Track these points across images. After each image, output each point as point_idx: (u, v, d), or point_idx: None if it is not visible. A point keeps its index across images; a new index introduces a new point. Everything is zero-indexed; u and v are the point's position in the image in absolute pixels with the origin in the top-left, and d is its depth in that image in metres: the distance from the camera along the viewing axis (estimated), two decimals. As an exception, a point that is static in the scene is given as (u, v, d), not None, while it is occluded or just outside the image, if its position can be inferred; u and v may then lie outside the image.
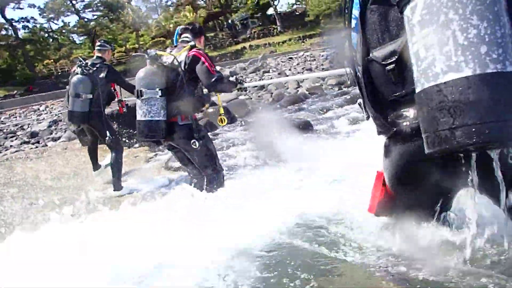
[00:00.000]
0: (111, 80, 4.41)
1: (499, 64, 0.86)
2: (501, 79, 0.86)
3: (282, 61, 22.46)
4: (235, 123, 7.97)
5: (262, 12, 51.37)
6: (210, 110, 7.16)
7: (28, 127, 13.47)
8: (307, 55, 23.98)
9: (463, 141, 0.87)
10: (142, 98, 2.95)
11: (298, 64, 19.47)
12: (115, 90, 4.64)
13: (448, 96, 0.88)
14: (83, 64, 4.26)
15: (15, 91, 30.94)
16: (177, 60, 2.94)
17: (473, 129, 0.85)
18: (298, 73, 15.04)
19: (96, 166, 5.04)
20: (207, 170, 3.16)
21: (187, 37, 3.15)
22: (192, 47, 2.99)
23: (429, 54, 0.92)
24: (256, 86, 10.87)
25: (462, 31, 0.87)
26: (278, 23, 47.62)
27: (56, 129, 11.46)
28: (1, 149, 9.90)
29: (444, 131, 0.90)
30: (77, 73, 4.25)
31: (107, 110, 5.24)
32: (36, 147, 9.48)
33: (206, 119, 7.33)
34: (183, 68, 2.92)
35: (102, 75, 4.26)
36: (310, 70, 15.98)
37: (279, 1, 49.96)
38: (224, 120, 3.34)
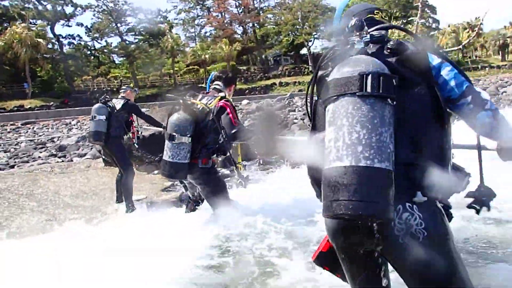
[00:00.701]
0: (127, 109, 5.09)
1: (369, 160, 1.16)
2: (368, 171, 1.16)
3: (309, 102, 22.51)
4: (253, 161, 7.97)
5: (295, 51, 52.57)
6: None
7: (58, 139, 14.03)
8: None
9: (337, 212, 1.18)
10: (173, 142, 3.19)
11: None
12: (132, 121, 5.29)
13: (333, 177, 1.20)
14: (105, 99, 5.04)
15: (52, 103, 32.38)
16: (208, 108, 3.24)
17: (343, 204, 1.16)
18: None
19: (120, 198, 5.21)
20: (220, 206, 3.42)
21: (218, 84, 3.46)
22: (222, 98, 3.28)
23: (330, 145, 1.24)
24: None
25: (349, 134, 1.20)
26: (310, 63, 48.53)
27: (83, 145, 11.89)
28: (29, 159, 10.33)
29: (328, 202, 1.21)
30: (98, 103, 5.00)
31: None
32: (62, 161, 9.85)
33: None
34: (211, 117, 3.21)
35: (119, 105, 5.02)
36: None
37: (313, 42, 50.80)
38: (241, 168, 3.57)
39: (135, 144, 5.46)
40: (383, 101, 1.21)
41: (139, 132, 5.47)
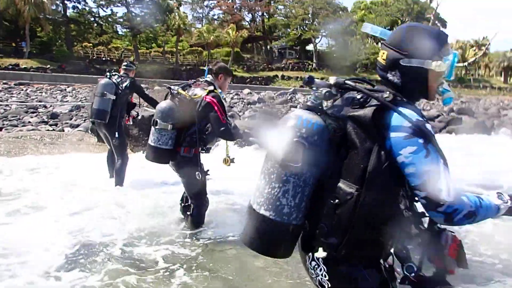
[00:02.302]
0: (132, 90, 4.90)
1: (257, 205, 1.30)
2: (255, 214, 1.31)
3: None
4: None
5: (301, 46, 52.04)
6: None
7: (50, 106, 13.54)
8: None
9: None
10: (156, 127, 3.32)
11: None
12: (134, 103, 5.15)
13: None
14: (111, 74, 4.84)
15: (48, 66, 31.55)
16: (194, 101, 3.26)
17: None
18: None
19: (112, 172, 5.07)
20: (194, 201, 3.53)
21: (210, 77, 3.46)
22: (210, 91, 3.26)
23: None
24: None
25: (265, 184, 1.30)
26: (314, 60, 48.09)
27: (77, 115, 11.46)
28: (19, 123, 9.89)
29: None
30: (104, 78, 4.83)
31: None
32: (53, 129, 9.43)
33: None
34: (197, 108, 3.23)
35: (125, 84, 4.82)
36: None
37: (320, 40, 50.37)
38: (228, 161, 3.36)
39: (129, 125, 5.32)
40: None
41: (137, 115, 5.30)
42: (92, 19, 43.31)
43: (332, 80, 1.38)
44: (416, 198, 1.23)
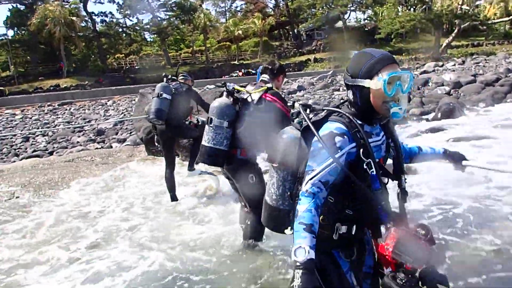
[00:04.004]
0: (189, 95, 4.83)
1: (278, 202, 1.73)
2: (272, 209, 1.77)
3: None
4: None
5: (330, 25, 50.26)
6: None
7: (95, 122, 13.65)
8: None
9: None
10: (210, 125, 3.07)
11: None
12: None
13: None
14: (168, 78, 4.84)
15: (86, 82, 32.46)
16: (252, 98, 3.03)
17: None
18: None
19: (175, 197, 4.92)
20: (253, 208, 3.13)
21: (265, 76, 3.21)
22: (268, 89, 3.04)
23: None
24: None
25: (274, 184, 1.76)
26: (345, 37, 46.29)
27: (121, 128, 11.40)
28: (68, 145, 9.91)
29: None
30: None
31: None
32: (101, 147, 9.35)
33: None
34: (253, 105, 3.01)
35: (182, 89, 4.79)
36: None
37: (349, 15, 48.45)
38: None
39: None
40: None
41: (197, 121, 5.09)
42: (120, 30, 44.12)
43: (296, 108, 1.69)
44: None
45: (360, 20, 50.50)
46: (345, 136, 1.49)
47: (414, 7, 47.51)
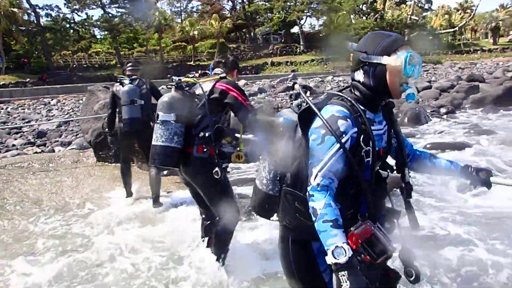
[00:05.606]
0: (153, 93, 4.61)
1: (268, 187, 1.65)
2: (261, 193, 1.68)
3: (313, 84, 21.32)
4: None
5: (286, 29, 50.62)
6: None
7: (36, 122, 12.29)
8: (340, 80, 22.84)
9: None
10: (157, 121, 2.76)
11: (332, 89, 18.28)
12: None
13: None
14: (131, 78, 4.53)
15: (28, 79, 29.97)
16: (202, 88, 2.75)
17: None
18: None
19: (130, 193, 4.74)
20: (219, 212, 2.81)
21: (219, 70, 3.00)
22: (221, 78, 2.81)
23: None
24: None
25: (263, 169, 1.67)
26: (301, 42, 46.80)
27: (66, 130, 10.27)
28: (1, 148, 8.68)
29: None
30: (125, 84, 4.47)
31: None
32: (42, 151, 8.26)
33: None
34: (206, 97, 2.73)
35: (145, 87, 4.54)
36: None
37: (305, 21, 49.12)
38: (242, 156, 2.95)
39: None
40: None
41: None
42: (68, 25, 41.56)
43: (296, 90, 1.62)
44: None
45: (315, 26, 51.41)
46: (347, 119, 1.41)
47: (367, 15, 49.15)
